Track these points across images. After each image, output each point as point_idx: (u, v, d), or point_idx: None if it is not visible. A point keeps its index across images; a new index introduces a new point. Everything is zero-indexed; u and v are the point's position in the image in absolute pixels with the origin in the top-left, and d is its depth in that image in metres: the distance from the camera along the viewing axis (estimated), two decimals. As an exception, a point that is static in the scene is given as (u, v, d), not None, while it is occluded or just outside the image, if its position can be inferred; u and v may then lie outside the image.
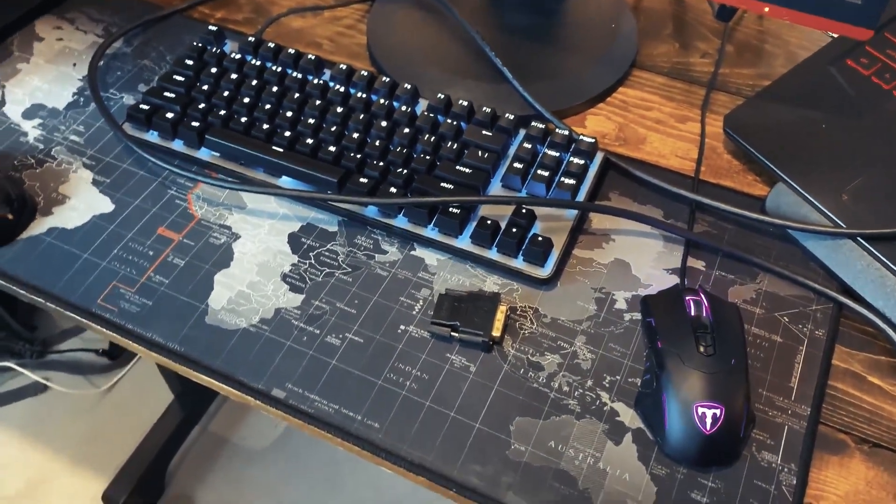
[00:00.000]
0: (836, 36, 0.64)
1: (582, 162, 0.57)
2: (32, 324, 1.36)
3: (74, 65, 0.69)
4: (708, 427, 0.45)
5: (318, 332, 0.52)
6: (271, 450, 1.25)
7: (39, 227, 0.57)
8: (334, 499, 1.20)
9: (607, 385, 0.49)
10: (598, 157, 0.59)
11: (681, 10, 0.74)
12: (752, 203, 0.58)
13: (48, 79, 0.68)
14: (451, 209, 0.54)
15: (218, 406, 1.29)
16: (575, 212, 0.56)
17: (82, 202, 0.59)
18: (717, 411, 0.45)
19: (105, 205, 0.59)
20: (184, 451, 1.24)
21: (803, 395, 0.49)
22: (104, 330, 0.53)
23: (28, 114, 0.65)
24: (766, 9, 0.53)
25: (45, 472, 1.22)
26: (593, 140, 0.58)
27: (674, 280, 0.54)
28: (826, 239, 0.54)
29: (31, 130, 0.64)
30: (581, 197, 0.57)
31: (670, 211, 0.58)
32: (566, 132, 0.59)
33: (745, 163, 0.61)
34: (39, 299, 0.54)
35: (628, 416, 0.48)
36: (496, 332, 0.50)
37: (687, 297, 0.50)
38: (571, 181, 0.56)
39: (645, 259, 0.55)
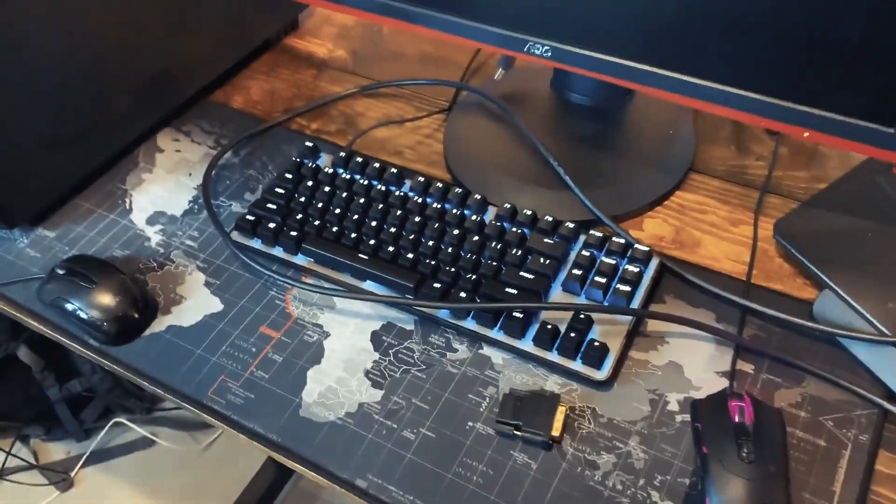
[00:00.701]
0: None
1: (637, 269, 0.62)
2: (142, 381, 1.48)
3: (190, 174, 0.79)
4: (748, 531, 0.49)
5: (395, 426, 0.58)
6: None
7: (160, 325, 0.67)
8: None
9: (658, 484, 0.54)
10: (654, 263, 0.64)
11: (738, 112, 0.79)
12: (800, 307, 0.62)
13: (168, 188, 0.78)
14: (514, 313, 0.61)
15: (307, 463, 1.37)
16: (631, 317, 0.61)
17: (196, 302, 0.68)
18: (758, 516, 0.49)
19: (215, 305, 0.68)
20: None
21: (846, 499, 0.52)
22: (213, 420, 0.61)
23: (151, 220, 0.75)
24: (806, 134, 0.57)
25: (151, 523, 1.33)
26: (648, 248, 0.63)
27: (723, 383, 0.58)
28: (872, 345, 0.57)
29: (154, 235, 0.74)
30: (637, 301, 0.62)
31: (722, 314, 0.62)
32: (622, 241, 0.64)
33: (796, 267, 0.65)
34: (159, 390, 0.63)
35: (676, 515, 0.52)
36: (556, 432, 0.56)
37: (732, 403, 0.54)
38: (627, 288, 0.61)
39: (697, 362, 0.60)
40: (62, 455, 1.42)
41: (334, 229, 0.68)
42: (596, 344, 0.59)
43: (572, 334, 0.59)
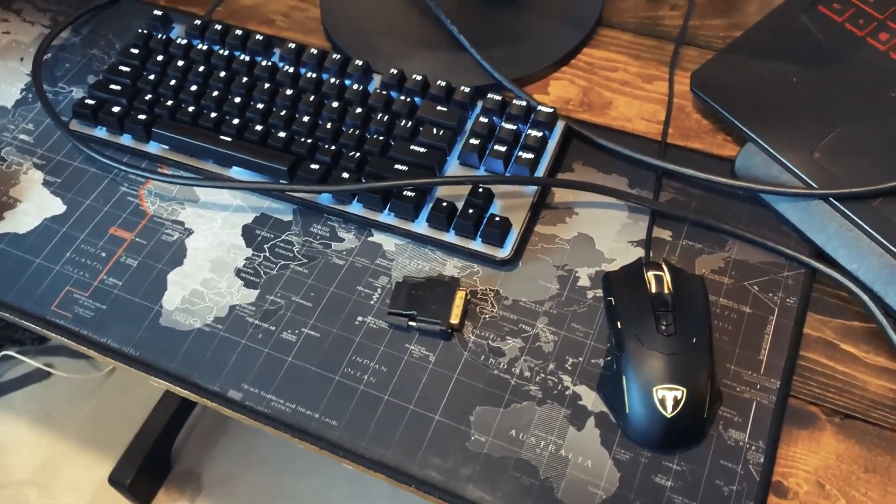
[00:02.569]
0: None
1: (540, 134, 0.55)
2: (31, 310, 1.37)
3: (22, 59, 0.67)
4: (669, 410, 0.43)
5: (273, 328, 0.51)
6: (274, 423, 1.26)
7: (-9, 233, 0.56)
8: (341, 468, 1.21)
9: (570, 368, 0.48)
10: (559, 127, 0.57)
11: (649, -41, 0.70)
12: (722, 166, 0.56)
13: (-5, 76, 0.66)
14: (405, 192, 0.53)
15: (219, 382, 1.30)
16: (535, 187, 0.54)
17: (34, 205, 0.58)
18: (679, 393, 0.43)
19: (57, 206, 0.57)
20: (188, 428, 1.26)
21: (773, 367, 0.47)
22: (60, 337, 0.52)
23: (-24, 114, 0.63)
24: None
25: (52, 457, 1.24)
26: (552, 110, 0.56)
27: (639, 253, 0.52)
28: (797, 201, 0.52)
29: (-20, 132, 0.62)
30: (541, 170, 0.54)
31: (636, 179, 0.56)
32: (523, 103, 0.56)
33: (715, 122, 0.59)
34: (-7, 308, 0.53)
35: (591, 399, 0.47)
36: (454, 319, 0.49)
37: (648, 272, 0.48)
38: (530, 156, 0.54)
39: (609, 232, 0.54)
40: (-52, 395, 1.31)
41: (190, 109, 0.58)
42: (497, 219, 0.51)
43: (470, 210, 0.52)
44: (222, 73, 0.59)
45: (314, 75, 0.59)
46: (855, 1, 0.57)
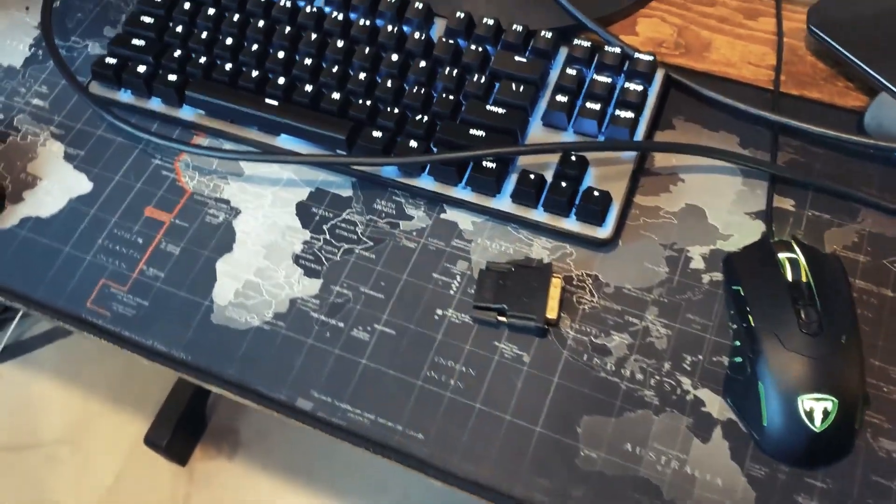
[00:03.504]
0: None
1: (640, 88, 0.47)
2: (50, 263, 1.31)
3: (27, 8, 0.59)
4: (817, 423, 0.37)
5: (341, 324, 0.44)
6: (310, 375, 1.22)
7: (11, 218, 0.50)
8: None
9: (688, 368, 0.42)
10: (658, 76, 0.49)
11: None
12: (846, 119, 0.48)
13: (-2, 29, 0.58)
14: (484, 163, 0.45)
15: (250, 334, 1.25)
16: (635, 153, 0.46)
17: (56, 183, 0.51)
18: (829, 404, 0.37)
19: (82, 184, 0.50)
20: (222, 384, 1.21)
21: (924, 362, 0.41)
22: (99, 339, 0.46)
23: (-19, 76, 0.56)
24: None
25: (83, 415, 1.21)
26: (652, 57, 0.48)
27: (758, 227, 0.45)
28: (944, 162, 0.45)
29: (-13, 97, 0.55)
30: (641, 132, 0.47)
31: (748, 137, 0.48)
32: (617, 50, 0.48)
33: (834, 66, 0.50)
34: (20, 305, 0.47)
35: (716, 405, 0.41)
36: (551, 314, 0.42)
37: (781, 255, 0.41)
38: (629, 114, 0.46)
39: (722, 202, 0.46)
40: (-29, 353, 1.27)
41: (227, 67, 0.50)
42: (595, 194, 0.44)
43: (563, 183, 0.45)
44: (261, 23, 0.51)
45: (367, 22, 0.51)
46: None
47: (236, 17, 0.52)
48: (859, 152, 0.47)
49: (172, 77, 0.50)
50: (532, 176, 0.45)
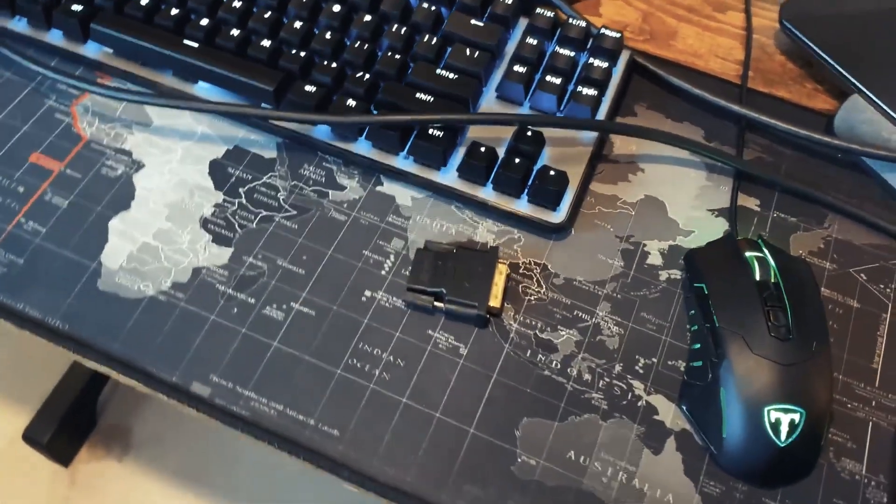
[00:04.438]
0: None
1: (605, 65, 0.43)
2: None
3: (-88, -79, 0.51)
4: (783, 437, 0.33)
5: (252, 300, 0.38)
6: (216, 376, 1.13)
7: None
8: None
9: (641, 371, 0.37)
10: (623, 57, 0.45)
11: None
12: (815, 120, 0.45)
13: None
14: (430, 131, 0.40)
15: (154, 328, 1.16)
16: (594, 134, 0.42)
17: (-77, 116, 0.43)
18: (797, 416, 0.33)
19: (-44, 120, 0.43)
20: (116, 380, 1.12)
21: (890, 379, 0.38)
22: (-43, 299, 0.38)
23: None
24: None
25: (-43, 408, 1.09)
26: (619, 34, 0.44)
27: (721, 225, 0.42)
28: (914, 170, 0.42)
29: None
30: (603, 113, 0.43)
31: (714, 130, 0.45)
32: (582, 24, 0.44)
33: (805, 67, 0.48)
34: None
35: (670, 413, 0.36)
36: (494, 302, 0.38)
37: (747, 253, 0.37)
38: (591, 91, 0.42)
39: (684, 196, 0.43)
40: None
41: (143, 1, 0.44)
42: (551, 173, 0.40)
43: (517, 160, 0.40)
44: (186, -43, 0.45)
45: (309, -31, 0.45)
46: None
47: (158, -52, 0.45)
48: (828, 155, 0.44)
49: (76, 7, 0.43)
50: (483, 149, 0.40)
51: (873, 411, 0.37)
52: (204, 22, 0.43)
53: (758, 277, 0.36)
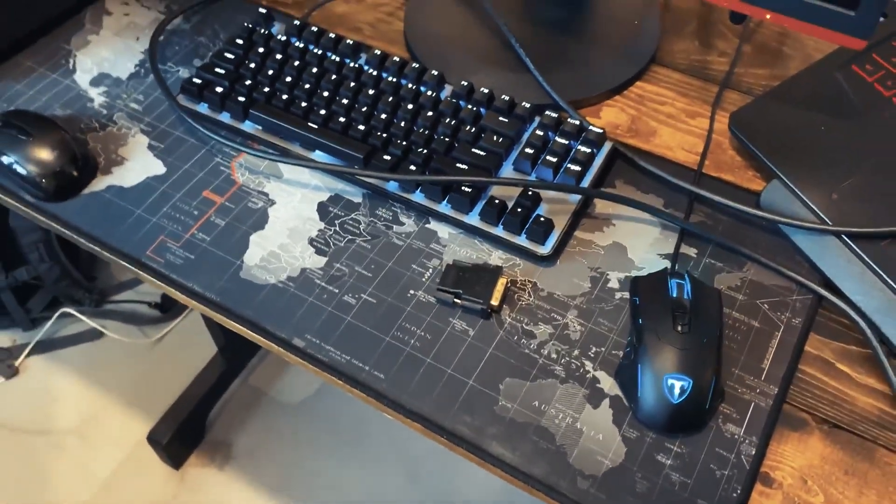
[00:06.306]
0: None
1: (589, 151, 0.62)
2: (92, 274, 1.46)
3: (138, 38, 0.76)
4: (676, 397, 0.50)
5: (336, 291, 0.58)
6: (305, 404, 1.33)
7: (100, 184, 0.65)
8: (360, 452, 1.27)
9: (592, 355, 0.54)
10: (606, 146, 0.64)
11: (706, 10, 0.77)
12: (748, 198, 0.62)
13: (114, 50, 0.75)
14: (463, 188, 0.60)
15: (259, 360, 1.38)
16: (579, 196, 0.61)
17: (138, 164, 0.66)
18: (685, 383, 0.50)
19: (158, 167, 0.66)
20: (224, 401, 1.33)
21: (773, 375, 0.53)
22: (151, 278, 0.60)
23: (95, 82, 0.72)
24: (768, 16, 0.56)
25: (96, 411, 1.33)
26: (601, 131, 0.63)
27: (666, 264, 0.59)
28: (813, 235, 0.58)
29: (97, 97, 0.71)
30: (586, 183, 0.61)
31: (671, 200, 0.62)
32: (577, 122, 0.63)
33: (747, 159, 0.65)
34: (96, 248, 0.61)
35: (608, 384, 0.53)
36: (495, 301, 0.56)
37: (671, 280, 0.54)
38: (577, 168, 0.61)
39: (641, 244, 0.60)
40: (8, 343, 1.41)
41: (284, 97, 0.66)
42: (542, 219, 0.58)
43: (519, 209, 0.59)
44: (314, 70, 0.67)
45: (394, 80, 0.67)
46: (885, 64, 0.63)
47: (296, 62, 0.68)
48: (754, 222, 0.61)
49: (241, 98, 0.66)
50: (497, 201, 0.59)
51: (756, 395, 0.52)
52: (322, 112, 0.65)
53: (674, 295, 0.53)
